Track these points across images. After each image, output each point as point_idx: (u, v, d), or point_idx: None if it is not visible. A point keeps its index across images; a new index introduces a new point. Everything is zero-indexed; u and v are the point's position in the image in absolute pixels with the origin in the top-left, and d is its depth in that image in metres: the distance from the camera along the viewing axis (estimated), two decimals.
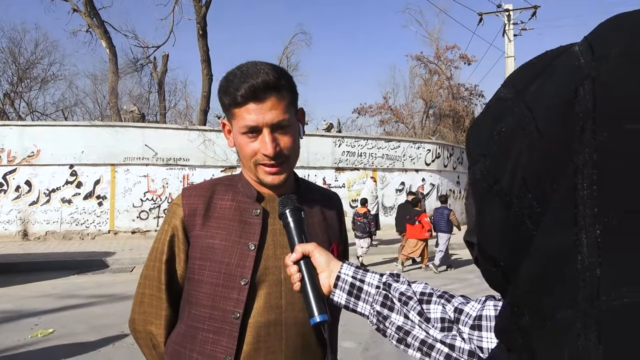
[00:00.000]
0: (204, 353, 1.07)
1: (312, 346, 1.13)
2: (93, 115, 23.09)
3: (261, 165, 1.09)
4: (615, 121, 0.36)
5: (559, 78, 0.41)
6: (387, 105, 28.83)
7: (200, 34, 16.21)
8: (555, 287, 0.37)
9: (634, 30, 0.38)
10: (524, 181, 0.41)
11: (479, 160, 0.47)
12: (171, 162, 12.91)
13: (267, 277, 1.09)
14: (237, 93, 1.04)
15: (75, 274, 8.31)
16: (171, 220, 1.16)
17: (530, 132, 0.41)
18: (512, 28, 19.42)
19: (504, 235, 0.44)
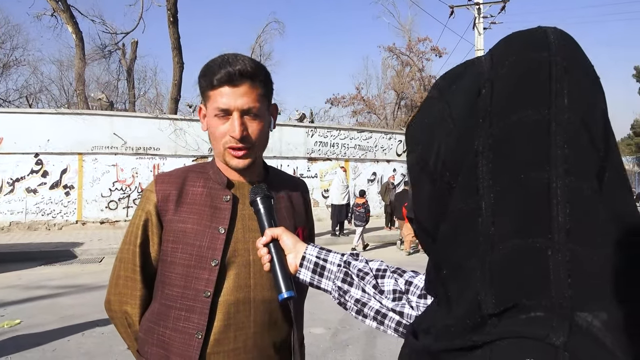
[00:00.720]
0: (176, 329, 1.14)
1: (278, 323, 1.20)
2: (59, 102, 22.37)
3: (229, 148, 1.15)
4: (504, 114, 0.46)
5: (469, 81, 0.52)
6: (359, 96, 28.97)
7: (171, 20, 15.89)
8: (463, 242, 0.47)
9: (522, 46, 0.49)
10: (443, 163, 0.51)
11: (414, 149, 0.57)
12: (141, 152, 12.71)
13: (237, 259, 1.16)
14: (214, 76, 1.11)
15: (42, 264, 8.16)
16: (145, 205, 1.21)
17: (447, 124, 0.52)
18: (482, 21, 19.80)
19: (430, 207, 0.54)
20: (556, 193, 0.42)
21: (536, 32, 0.50)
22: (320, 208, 14.14)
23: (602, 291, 0.41)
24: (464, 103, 0.51)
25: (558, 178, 0.43)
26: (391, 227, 12.98)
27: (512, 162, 0.45)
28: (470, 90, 0.51)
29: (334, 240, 10.95)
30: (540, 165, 0.43)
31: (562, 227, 0.42)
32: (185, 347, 1.12)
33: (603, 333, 0.39)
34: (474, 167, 0.47)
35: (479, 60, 0.53)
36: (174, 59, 16.46)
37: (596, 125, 0.46)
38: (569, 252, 0.41)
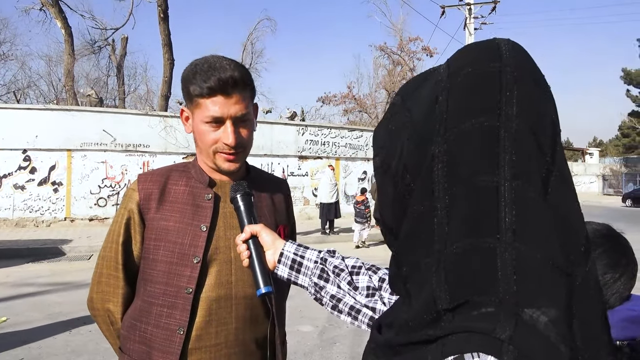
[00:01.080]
0: (158, 326, 1.16)
1: (260, 319, 1.23)
2: (48, 98, 22.16)
3: (220, 153, 1.18)
4: (458, 121, 0.50)
5: (428, 88, 0.55)
6: (351, 94, 29.03)
7: (162, 17, 15.80)
8: (421, 242, 0.50)
9: (476, 57, 0.53)
10: (404, 166, 0.54)
11: (379, 152, 0.61)
12: (130, 148, 12.64)
13: (218, 256, 1.19)
14: (205, 84, 1.12)
15: (30, 262, 8.10)
16: (127, 204, 1.23)
17: (408, 129, 0.55)
18: (472, 22, 19.92)
19: (393, 207, 0.57)
20: (504, 196, 0.45)
21: (490, 44, 0.53)
22: (311, 206, 14.17)
23: (546, 288, 0.44)
24: (423, 109, 0.54)
25: (506, 182, 0.46)
26: None
27: (465, 167, 0.48)
28: (429, 98, 0.54)
29: (323, 239, 10.99)
30: (490, 170, 0.47)
31: (509, 227, 0.45)
32: (167, 343, 1.15)
33: (548, 328, 0.42)
34: (430, 170, 0.50)
35: (438, 69, 0.56)
36: (164, 56, 16.37)
37: (544, 133, 0.49)
38: (515, 250, 0.44)
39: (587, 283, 0.47)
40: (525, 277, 0.43)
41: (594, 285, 0.48)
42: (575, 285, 0.46)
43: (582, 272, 0.47)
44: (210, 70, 1.12)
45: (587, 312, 0.46)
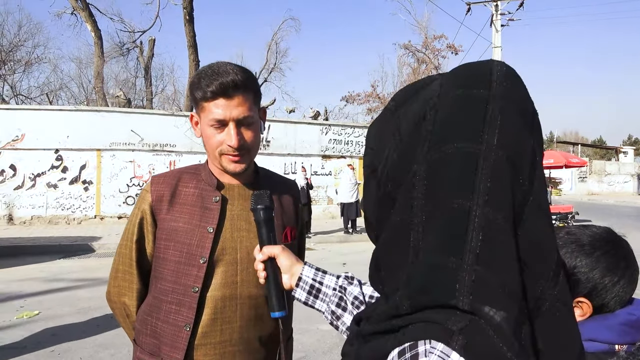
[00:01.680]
0: (167, 321, 1.22)
1: (264, 318, 1.27)
2: (78, 99, 22.82)
3: (225, 154, 1.22)
4: (441, 142, 0.53)
5: (419, 103, 0.58)
6: (375, 93, 28.88)
7: (187, 19, 16.09)
8: (397, 251, 0.54)
9: (466, 81, 0.55)
10: (387, 174, 0.58)
11: (368, 152, 0.64)
12: (157, 148, 12.92)
13: (225, 257, 1.23)
14: (208, 89, 1.16)
15: (61, 258, 8.39)
16: (141, 204, 1.29)
17: (395, 138, 0.58)
18: (499, 18, 19.56)
19: (375, 207, 0.61)
20: (474, 220, 0.48)
21: (482, 68, 0.56)
22: (334, 206, 14.18)
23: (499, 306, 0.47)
24: (411, 124, 0.57)
25: (478, 207, 0.49)
26: None
27: (442, 188, 0.51)
28: (418, 113, 0.56)
29: (346, 238, 11.00)
30: (464, 194, 0.50)
31: (473, 251, 0.48)
32: (174, 338, 1.20)
33: (504, 323, 0.45)
34: (412, 186, 0.54)
35: (434, 83, 0.58)
36: (189, 57, 16.67)
37: (523, 162, 0.51)
38: (474, 272, 0.47)
39: (554, 304, 0.50)
40: (481, 296, 0.47)
41: (561, 306, 0.51)
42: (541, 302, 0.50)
43: (550, 296, 0.50)
44: (213, 75, 1.16)
45: (554, 331, 0.50)
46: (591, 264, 0.86)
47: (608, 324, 0.82)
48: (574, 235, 0.90)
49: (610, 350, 0.80)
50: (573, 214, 12.13)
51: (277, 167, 13.70)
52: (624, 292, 0.85)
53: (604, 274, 0.85)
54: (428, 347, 0.45)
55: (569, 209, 12.54)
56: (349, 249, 9.74)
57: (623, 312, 0.84)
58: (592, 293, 0.85)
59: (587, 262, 0.86)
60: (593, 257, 0.86)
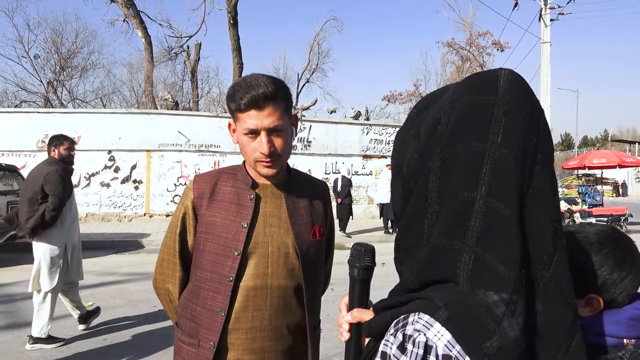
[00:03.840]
0: (205, 307, 1.34)
1: (292, 307, 1.37)
2: (129, 102, 23.93)
3: (259, 161, 1.32)
4: (452, 142, 0.61)
5: (435, 109, 0.66)
6: (417, 92, 28.52)
7: (231, 23, 16.49)
8: (412, 236, 0.63)
9: (474, 88, 0.63)
10: (410, 172, 0.67)
11: (394, 155, 0.73)
12: (203, 149, 13.33)
13: (257, 250, 1.34)
14: (241, 101, 1.27)
15: (113, 253, 8.85)
16: (184, 201, 1.42)
17: (416, 141, 0.67)
18: (548, 13, 18.83)
19: (400, 202, 0.70)
20: (477, 209, 0.56)
21: (490, 76, 0.63)
22: (375, 205, 14.15)
23: (496, 283, 0.53)
24: (428, 128, 0.65)
25: (481, 198, 0.56)
26: None
27: (452, 182, 0.59)
28: (434, 118, 0.65)
29: (386, 238, 10.97)
30: (470, 187, 0.57)
31: (474, 235, 0.55)
32: (211, 322, 1.32)
33: (496, 304, 0.50)
34: (427, 180, 0.62)
35: (446, 94, 0.66)
36: (233, 60, 17.08)
37: (525, 157, 0.58)
38: (474, 253, 0.54)
39: (549, 284, 0.56)
40: (478, 274, 0.54)
41: (554, 288, 0.56)
42: (536, 284, 0.55)
43: (545, 275, 0.56)
44: (246, 88, 1.27)
45: (550, 308, 0.55)
46: (600, 260, 0.89)
47: (617, 318, 0.85)
48: (581, 234, 0.93)
49: (619, 344, 0.83)
50: (626, 216, 11.54)
51: (317, 167, 13.83)
52: (632, 286, 0.88)
53: (613, 270, 0.87)
54: (416, 317, 0.53)
55: (623, 210, 11.93)
56: (389, 248, 9.67)
57: (631, 308, 0.86)
58: (601, 289, 0.88)
59: (597, 259, 0.89)
60: (602, 254, 0.89)
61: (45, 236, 4.07)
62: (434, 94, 0.70)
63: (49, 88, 21.60)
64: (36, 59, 22.18)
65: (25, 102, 21.31)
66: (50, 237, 4.09)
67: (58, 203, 4.02)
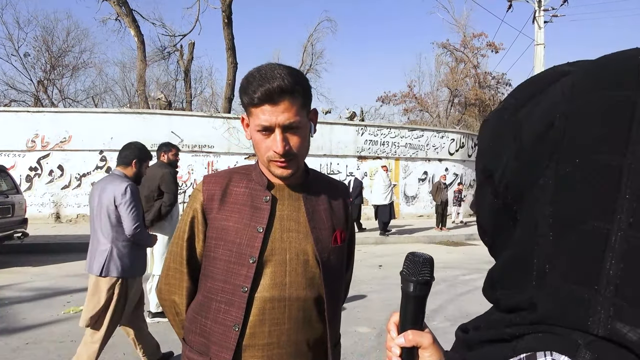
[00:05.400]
0: (216, 321, 1.21)
1: (312, 321, 1.24)
2: (122, 102, 23.68)
3: (273, 161, 1.20)
4: (574, 153, 0.45)
5: (544, 106, 0.49)
6: (411, 93, 28.55)
7: (226, 22, 16.36)
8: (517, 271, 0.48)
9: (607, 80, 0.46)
10: (507, 184, 0.51)
11: (481, 154, 0.57)
12: (196, 149, 13.19)
13: (274, 257, 1.21)
14: (255, 95, 1.15)
15: None
16: (193, 204, 1.29)
17: (516, 144, 0.50)
18: (542, 14, 18.89)
19: (490, 216, 0.56)
20: (613, 247, 0.41)
21: (626, 63, 0.46)
22: (370, 207, 14.09)
23: None
24: (535, 130, 0.49)
25: (620, 230, 0.41)
26: (442, 228, 12.72)
27: (576, 206, 0.44)
28: (543, 119, 0.49)
29: (382, 240, 10.90)
30: (603, 215, 0.42)
31: (612, 282, 0.41)
32: (223, 338, 1.19)
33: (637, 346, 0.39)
34: (536, 201, 0.47)
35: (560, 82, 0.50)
36: (228, 60, 16.94)
37: None
38: (612, 307, 0.40)
39: None
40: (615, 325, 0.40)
41: None
42: None
43: None
44: (260, 80, 1.14)
45: None
46: None
47: None
48: None
49: None
50: None
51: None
52: None
53: None
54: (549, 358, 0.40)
55: None
56: (385, 250, 9.63)
57: None
58: None
59: None
60: None
61: (158, 227, 4.83)
62: (538, 83, 0.53)
63: (40, 87, 21.31)
64: (26, 58, 21.91)
65: (14, 101, 21.01)
66: (163, 228, 4.88)
67: (173, 199, 4.85)
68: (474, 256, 9.45)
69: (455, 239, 11.70)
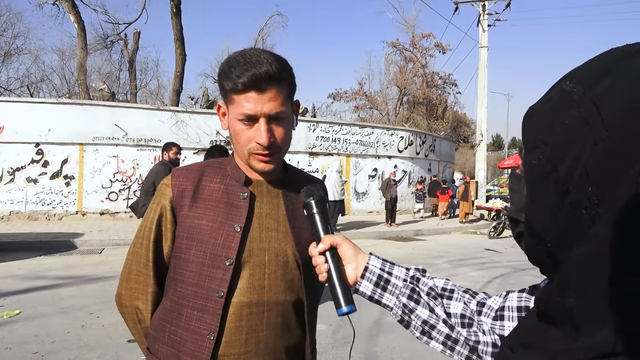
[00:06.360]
0: (188, 329, 1.10)
1: (292, 326, 1.17)
2: (60, 92, 22.30)
3: (254, 154, 1.12)
4: None
5: (629, 82, 0.43)
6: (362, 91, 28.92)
7: (174, 11, 15.80)
8: (604, 273, 0.41)
9: None
10: (585, 173, 0.44)
11: (538, 146, 0.50)
12: (142, 143, 12.68)
13: (252, 259, 1.13)
14: (239, 80, 1.05)
15: (42, 255, 8.13)
16: (160, 200, 1.18)
17: (596, 128, 0.43)
18: (486, 18, 19.69)
19: (555, 218, 0.48)
20: None
21: None
22: None
23: None
24: (624, 109, 0.42)
25: None
26: (391, 224, 12.97)
27: None
28: (633, 95, 0.42)
29: None
30: None
31: None
32: (196, 347, 1.09)
33: None
34: (633, 189, 0.40)
35: (630, 64, 0.44)
36: (176, 51, 16.40)
37: None
38: None
39: None
40: None
41: None
42: None
43: None
44: (245, 64, 1.06)
45: None
46: None
47: None
48: None
49: None
50: None
51: None
52: None
53: None
54: None
55: None
56: None
57: None
58: None
59: None
60: None
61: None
62: (605, 60, 0.47)
63: None
64: None
65: None
66: None
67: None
68: (422, 251, 9.71)
69: (404, 235, 11.95)
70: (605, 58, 0.48)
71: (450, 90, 30.42)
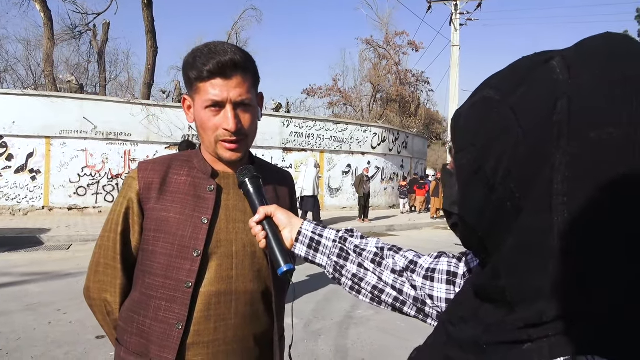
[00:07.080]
0: (157, 319, 1.13)
1: (260, 315, 1.21)
2: (26, 83, 21.55)
3: (221, 141, 1.14)
4: (583, 130, 0.45)
5: (541, 90, 0.48)
6: (336, 87, 29.00)
7: (145, 3, 15.47)
8: (530, 256, 0.47)
9: (603, 57, 0.47)
10: (508, 171, 0.49)
11: (466, 147, 0.55)
12: (112, 137, 12.41)
13: (219, 250, 1.16)
14: (205, 67, 1.08)
15: (7, 251, 7.89)
16: (127, 193, 1.20)
17: (515, 132, 0.49)
18: (458, 17, 20.03)
19: (485, 211, 0.53)
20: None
21: (622, 40, 0.47)
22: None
23: None
24: (537, 114, 0.48)
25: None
26: (364, 220, 13.11)
27: (589, 182, 0.43)
28: (545, 101, 0.47)
29: None
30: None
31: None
32: (165, 337, 1.12)
33: None
34: (549, 182, 0.46)
35: (549, 65, 0.50)
36: (147, 43, 16.06)
37: None
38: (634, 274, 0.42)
39: None
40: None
41: None
42: None
43: None
44: (210, 53, 1.09)
45: None
46: None
47: None
48: None
49: None
50: None
51: None
52: None
53: None
54: None
55: None
56: None
57: None
58: None
59: None
60: None
61: None
62: (519, 69, 0.53)
63: None
64: None
65: None
66: None
67: None
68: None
69: (376, 230, 12.10)
70: (519, 67, 0.53)
71: (423, 87, 30.85)
